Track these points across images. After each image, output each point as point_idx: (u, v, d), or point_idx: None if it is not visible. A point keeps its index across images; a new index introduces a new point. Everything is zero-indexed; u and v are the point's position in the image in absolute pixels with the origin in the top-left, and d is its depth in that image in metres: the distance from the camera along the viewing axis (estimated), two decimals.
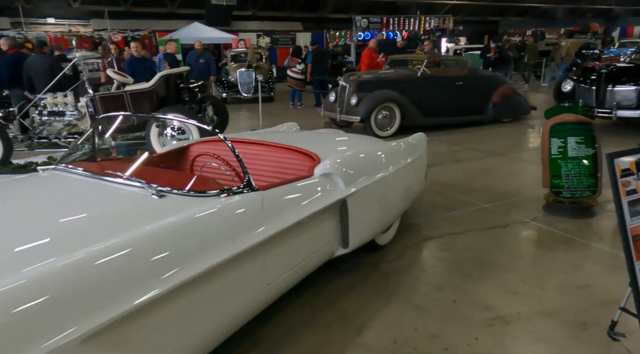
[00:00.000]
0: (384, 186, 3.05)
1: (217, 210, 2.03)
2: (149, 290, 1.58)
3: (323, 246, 2.66)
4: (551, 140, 4.06)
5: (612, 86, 7.17)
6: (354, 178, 2.79)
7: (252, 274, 2.12)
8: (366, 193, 2.84)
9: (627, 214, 1.97)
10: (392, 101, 7.63)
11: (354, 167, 2.87)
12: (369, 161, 3.05)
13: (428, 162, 6.20)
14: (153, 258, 1.67)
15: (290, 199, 2.39)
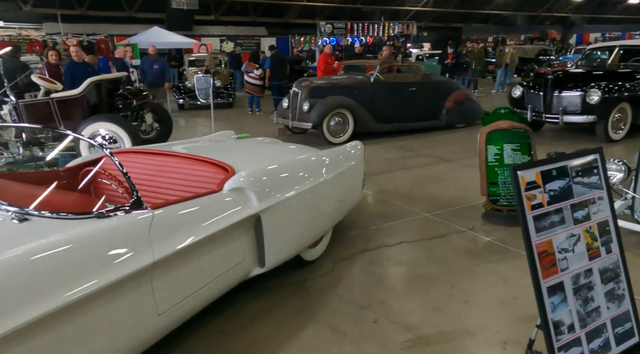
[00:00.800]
0: (307, 200, 2.88)
1: (91, 234, 1.80)
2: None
3: (234, 266, 2.46)
4: (487, 147, 4.00)
5: (558, 92, 7.29)
6: (269, 192, 2.61)
7: (136, 303, 1.90)
8: (284, 207, 2.66)
9: (532, 229, 1.86)
10: (344, 107, 7.53)
11: (271, 180, 2.69)
12: (290, 173, 2.87)
13: (378, 169, 6.19)
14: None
15: (188, 218, 2.19)
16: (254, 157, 3.16)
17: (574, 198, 2.01)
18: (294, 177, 2.85)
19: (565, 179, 1.99)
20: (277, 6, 24.59)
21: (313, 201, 2.96)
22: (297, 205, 2.78)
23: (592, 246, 2.04)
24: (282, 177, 2.77)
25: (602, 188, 2.12)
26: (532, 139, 4.04)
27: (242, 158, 2.99)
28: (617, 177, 3.55)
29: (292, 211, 2.74)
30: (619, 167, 3.54)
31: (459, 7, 29.55)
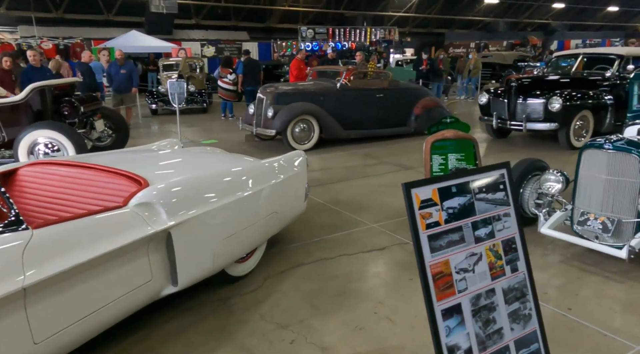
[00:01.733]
0: (230, 213, 2.77)
1: None
2: None
3: (140, 286, 2.34)
4: (432, 156, 3.94)
5: (522, 99, 7.30)
6: (182, 206, 2.49)
7: (7, 331, 1.77)
8: (200, 223, 2.55)
9: (426, 249, 1.78)
10: (309, 114, 7.44)
11: (186, 194, 2.58)
12: (211, 185, 2.76)
13: (336, 177, 6.10)
14: None
15: (77, 237, 2.06)
16: (178, 168, 3.05)
17: (476, 215, 1.93)
18: (215, 190, 2.74)
19: (467, 196, 1.91)
20: (259, 11, 24.52)
21: (238, 215, 2.86)
22: (216, 220, 2.67)
23: (496, 265, 1.96)
24: (200, 190, 2.66)
25: (509, 204, 2.05)
26: (477, 148, 3.99)
27: (163, 170, 2.88)
28: (555, 187, 3.51)
29: (209, 226, 2.63)
30: (557, 177, 3.49)
31: (441, 13, 29.77)
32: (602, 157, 3.23)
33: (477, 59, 14.39)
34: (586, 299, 2.84)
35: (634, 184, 3.11)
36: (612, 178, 3.20)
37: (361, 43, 24.72)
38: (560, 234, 3.37)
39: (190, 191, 2.62)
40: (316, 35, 23.18)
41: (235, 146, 8.11)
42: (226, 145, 8.19)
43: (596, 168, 3.27)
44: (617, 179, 3.18)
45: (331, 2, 25.62)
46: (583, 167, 3.37)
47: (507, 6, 31.80)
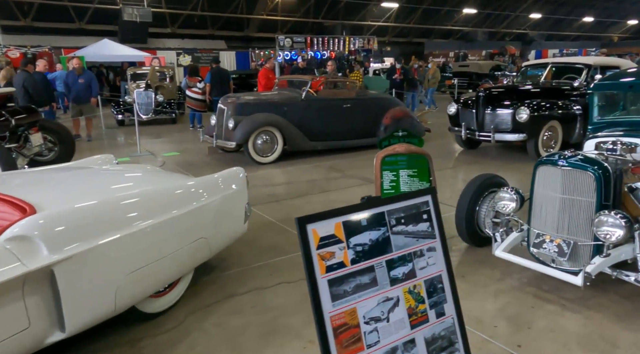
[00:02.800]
0: (138, 243, 2.43)
1: None
2: None
3: (13, 336, 1.98)
4: (383, 173, 3.67)
5: (490, 109, 7.13)
6: (72, 238, 2.15)
7: None
8: (95, 256, 2.21)
9: (325, 297, 1.48)
10: (272, 125, 7.14)
11: (79, 222, 2.24)
12: (114, 211, 2.43)
13: (295, 192, 5.76)
14: None
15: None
16: (84, 191, 2.70)
17: (392, 252, 1.64)
18: (119, 217, 2.40)
19: (381, 229, 1.62)
20: (237, 19, 24.29)
21: (150, 244, 2.52)
22: (119, 252, 2.33)
23: (417, 311, 1.67)
24: (100, 218, 2.32)
25: (435, 236, 1.76)
26: (431, 164, 3.73)
27: (64, 194, 2.53)
28: (509, 207, 3.26)
29: (109, 259, 2.29)
30: (511, 196, 3.24)
31: (420, 23, 29.96)
32: (556, 174, 2.99)
33: (436, 69, 14.14)
34: (539, 334, 2.57)
35: (590, 204, 2.87)
36: (568, 197, 2.95)
37: (340, 52, 24.63)
38: (515, 257, 3.11)
39: (85, 219, 2.28)
40: (294, 44, 22.97)
41: (197, 158, 7.77)
42: (187, 158, 7.86)
43: (551, 186, 3.03)
44: (573, 198, 2.94)
45: (310, 11, 25.53)
46: (538, 184, 3.12)
47: (485, 16, 32.19)
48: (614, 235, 2.67)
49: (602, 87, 3.84)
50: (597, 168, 2.85)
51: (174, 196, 2.80)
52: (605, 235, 2.70)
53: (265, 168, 6.97)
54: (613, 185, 2.85)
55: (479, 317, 2.74)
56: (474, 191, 3.62)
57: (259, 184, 6.07)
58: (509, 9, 31.82)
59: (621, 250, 2.87)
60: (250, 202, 5.02)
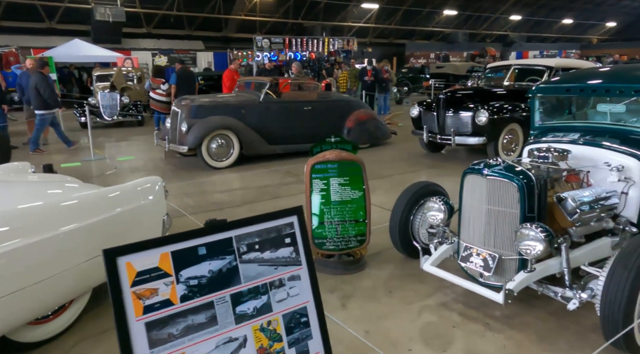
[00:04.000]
0: (9, 264, 2.19)
1: None
2: None
3: None
4: (312, 181, 3.47)
5: (451, 112, 6.99)
6: None
7: None
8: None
9: (142, 344, 1.27)
10: (227, 128, 6.91)
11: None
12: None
13: (242, 199, 5.47)
14: None
15: None
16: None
17: (240, 284, 1.44)
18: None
19: (226, 258, 1.42)
20: (215, 20, 23.95)
21: (27, 265, 2.28)
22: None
23: (271, 351, 1.46)
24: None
25: (300, 263, 1.57)
26: (364, 172, 3.54)
27: None
28: (437, 217, 3.09)
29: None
30: (439, 206, 3.07)
31: (401, 24, 29.95)
32: (481, 183, 2.82)
33: (391, 71, 13.67)
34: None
35: (514, 215, 2.70)
36: (493, 208, 2.79)
37: (319, 53, 24.47)
38: (441, 272, 2.94)
39: None
40: (272, 45, 22.72)
41: (151, 163, 7.50)
42: (141, 162, 7.56)
43: (477, 196, 2.86)
44: (498, 209, 2.77)
45: (289, 12, 25.31)
46: (465, 194, 2.95)
47: (465, 17, 32.32)
48: (534, 250, 2.51)
49: (541, 91, 3.69)
50: (522, 178, 2.69)
51: (63, 211, 2.55)
52: (526, 249, 2.54)
53: (219, 173, 6.73)
54: (537, 195, 2.69)
55: (394, 339, 2.55)
56: (407, 200, 3.45)
57: (208, 191, 5.84)
58: (489, 10, 32.02)
59: (548, 264, 2.71)
60: (190, 210, 4.81)
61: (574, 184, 3.11)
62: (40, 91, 7.93)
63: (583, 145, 3.21)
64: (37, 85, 7.92)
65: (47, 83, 8.09)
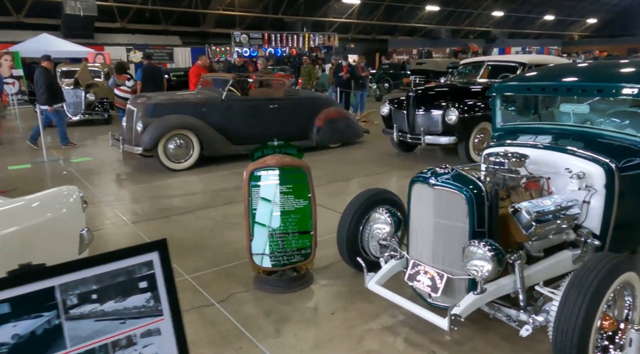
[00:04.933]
0: None
1: None
2: None
3: None
4: (251, 189, 3.14)
5: (419, 110, 6.72)
6: None
7: None
8: None
9: None
10: (186, 128, 6.53)
11: None
12: None
13: (193, 205, 4.92)
14: None
15: None
16: None
17: (66, 349, 1.10)
18: None
19: (44, 315, 1.08)
20: (192, 14, 23.36)
21: None
22: None
23: None
24: None
25: (161, 313, 1.24)
26: (310, 179, 3.22)
27: None
28: (383, 230, 2.79)
29: None
30: (385, 218, 2.77)
31: (383, 20, 29.68)
32: (428, 194, 2.52)
33: (332, 68, 12.66)
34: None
35: (463, 230, 2.41)
36: (441, 221, 2.50)
37: (299, 49, 24.08)
38: (385, 292, 2.64)
39: None
40: (251, 41, 22.29)
41: (107, 165, 7.08)
42: (97, 164, 7.12)
43: (424, 207, 2.56)
44: (446, 223, 2.48)
45: (269, 6, 24.84)
46: (413, 205, 2.65)
47: (448, 13, 32.20)
48: (482, 270, 2.22)
49: (501, 90, 3.41)
50: (472, 188, 2.39)
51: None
52: (473, 270, 2.25)
53: (177, 175, 6.36)
54: (488, 207, 2.40)
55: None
56: (355, 210, 3.14)
57: (160, 195, 5.47)
58: (471, 6, 31.94)
59: (500, 284, 2.43)
60: (135, 218, 4.42)
61: (533, 192, 2.84)
62: (39, 85, 7.94)
63: (544, 149, 2.94)
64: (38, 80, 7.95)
65: (46, 77, 8.00)
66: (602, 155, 2.70)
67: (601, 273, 2.02)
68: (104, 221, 4.46)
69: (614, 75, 3.01)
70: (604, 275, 2.01)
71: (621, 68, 3.17)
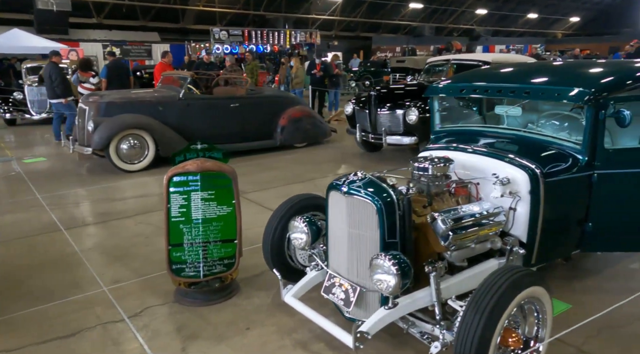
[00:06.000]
0: None
1: None
2: None
3: None
4: (170, 196, 2.96)
5: (383, 110, 6.58)
6: None
7: None
8: None
9: None
10: (140, 127, 6.31)
11: None
12: None
13: (136, 209, 4.68)
14: None
15: None
16: None
17: None
18: None
19: None
20: (171, 10, 22.94)
21: None
22: None
23: None
24: None
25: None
26: (236, 184, 3.06)
27: None
28: (300, 240, 2.64)
29: None
30: (302, 227, 2.62)
31: (367, 17, 29.52)
32: (341, 202, 2.38)
33: (300, 67, 11.85)
34: None
35: (374, 240, 2.28)
36: (354, 231, 2.35)
37: (280, 46, 23.82)
38: (300, 305, 2.49)
39: None
40: (230, 37, 21.96)
41: (60, 166, 6.84)
42: (50, 165, 6.87)
43: (339, 216, 2.42)
44: (359, 233, 2.34)
45: (250, 3, 24.52)
46: (330, 214, 2.51)
47: (432, 11, 32.17)
48: (387, 285, 2.08)
49: (436, 91, 3.28)
50: (384, 196, 2.25)
51: None
52: (379, 284, 2.12)
53: (130, 177, 6.14)
54: (400, 217, 2.26)
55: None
56: (282, 216, 2.98)
57: (106, 198, 5.26)
58: (455, 4, 31.93)
59: (415, 297, 2.30)
60: (70, 224, 4.22)
61: (460, 199, 2.71)
62: (52, 79, 8.10)
63: (473, 153, 2.81)
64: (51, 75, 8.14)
65: (58, 72, 8.29)
66: (529, 161, 2.58)
67: (501, 289, 1.89)
68: (35, 227, 4.25)
69: (545, 77, 2.89)
70: (504, 290, 1.89)
71: (557, 71, 3.06)
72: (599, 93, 2.45)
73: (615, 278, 3.13)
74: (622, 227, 2.69)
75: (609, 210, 2.63)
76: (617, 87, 2.56)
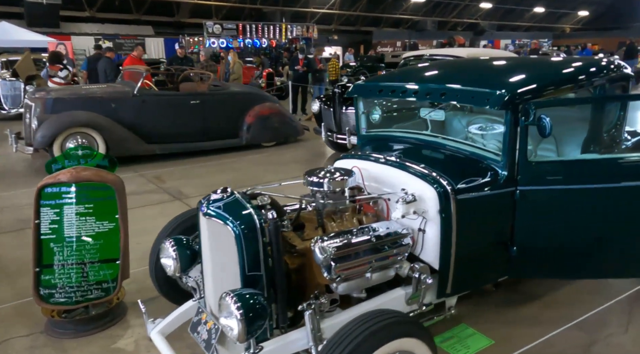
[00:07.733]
0: None
1: None
2: None
3: None
4: (41, 210, 2.58)
5: (346, 108, 6.15)
6: None
7: None
8: None
9: None
10: (87, 125, 5.95)
11: None
12: None
13: None
14: None
15: None
16: None
17: None
18: None
19: None
20: (166, 4, 22.57)
21: None
22: None
23: None
24: None
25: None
26: (120, 197, 2.66)
27: None
28: (169, 267, 2.24)
29: None
30: (171, 252, 2.22)
31: (367, 11, 28.90)
32: (204, 223, 1.98)
33: (238, 62, 11.37)
34: None
35: (235, 273, 1.87)
36: (217, 260, 1.96)
37: (277, 40, 23.37)
38: (162, 344, 2.10)
39: None
40: (224, 31, 21.57)
41: (9, 164, 6.50)
42: (3, 164, 6.58)
43: (204, 240, 2.02)
44: (222, 261, 1.94)
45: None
46: (200, 236, 2.11)
47: (434, 5, 31.43)
48: (232, 331, 1.68)
49: (356, 91, 2.85)
50: (247, 220, 1.85)
51: None
52: (227, 329, 1.72)
53: None
54: (265, 245, 1.86)
55: None
56: (169, 235, 2.59)
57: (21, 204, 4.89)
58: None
59: (289, 338, 1.90)
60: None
61: (364, 218, 2.30)
62: (106, 73, 8.61)
63: (384, 164, 2.39)
64: (106, 69, 8.66)
65: (112, 67, 8.76)
66: (441, 174, 2.15)
67: (357, 340, 1.49)
68: None
69: (468, 77, 2.45)
70: (358, 343, 1.48)
71: (484, 70, 2.62)
72: (517, 97, 2.01)
73: (556, 304, 2.69)
74: (550, 251, 2.26)
75: (534, 231, 2.19)
76: (539, 91, 2.12)
